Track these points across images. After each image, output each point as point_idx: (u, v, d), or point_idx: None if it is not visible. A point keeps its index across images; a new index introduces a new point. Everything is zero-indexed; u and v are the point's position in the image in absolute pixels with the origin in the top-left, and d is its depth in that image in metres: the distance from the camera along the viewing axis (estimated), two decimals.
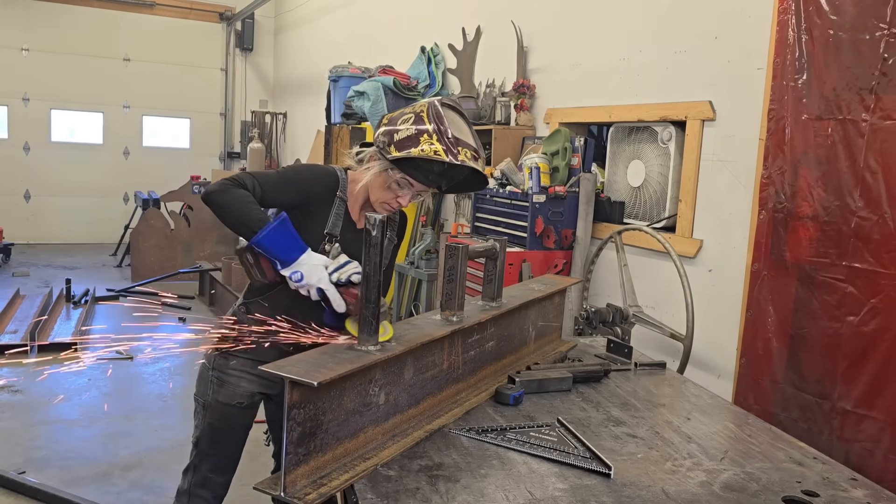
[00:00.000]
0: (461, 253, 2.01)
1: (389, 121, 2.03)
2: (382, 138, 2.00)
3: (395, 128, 1.99)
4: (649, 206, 3.97)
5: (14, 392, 4.79)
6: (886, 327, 2.62)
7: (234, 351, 2.14)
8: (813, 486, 1.70)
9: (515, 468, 1.70)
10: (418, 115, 1.99)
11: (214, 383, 2.24)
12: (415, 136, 1.95)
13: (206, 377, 2.26)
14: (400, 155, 1.96)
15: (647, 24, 3.94)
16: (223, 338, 2.16)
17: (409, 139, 1.96)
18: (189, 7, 11.01)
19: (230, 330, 2.14)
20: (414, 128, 1.96)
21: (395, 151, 1.96)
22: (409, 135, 1.96)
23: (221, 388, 2.23)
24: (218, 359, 2.22)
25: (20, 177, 10.48)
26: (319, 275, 1.87)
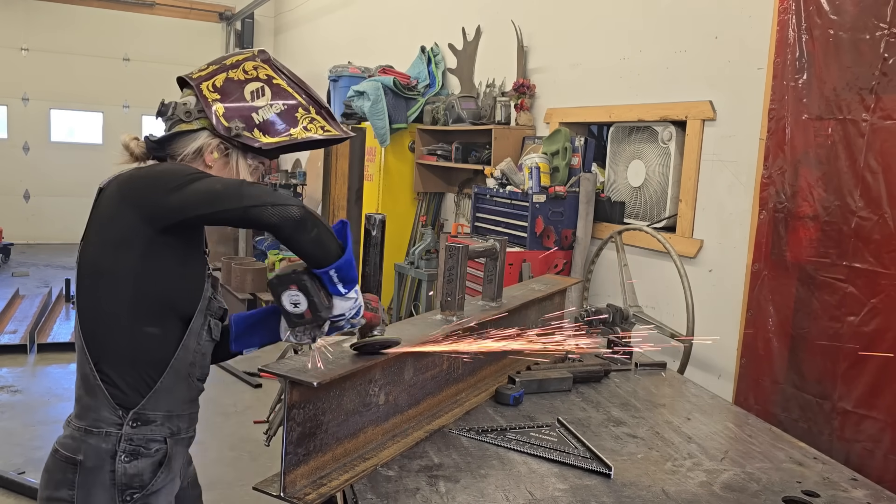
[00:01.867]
0: (461, 253, 2.01)
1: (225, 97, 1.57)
2: (238, 124, 1.55)
3: (246, 105, 1.57)
4: (649, 205, 3.97)
5: (14, 392, 4.78)
6: (887, 327, 2.62)
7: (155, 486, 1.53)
8: (813, 487, 1.70)
9: (515, 468, 1.69)
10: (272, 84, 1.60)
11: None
12: (287, 113, 1.59)
13: None
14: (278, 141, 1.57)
15: (647, 24, 3.93)
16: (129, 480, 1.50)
17: (281, 119, 1.58)
18: (189, 7, 11.00)
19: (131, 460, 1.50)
20: (281, 103, 1.59)
21: (267, 137, 1.56)
22: (281, 112, 1.58)
23: None
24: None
25: (20, 177, 10.48)
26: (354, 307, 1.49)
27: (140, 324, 1.49)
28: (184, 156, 1.59)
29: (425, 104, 5.78)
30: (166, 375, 1.52)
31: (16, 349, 5.54)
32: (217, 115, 1.56)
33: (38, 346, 5.60)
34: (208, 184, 1.43)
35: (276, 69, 1.65)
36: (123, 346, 1.49)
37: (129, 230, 1.46)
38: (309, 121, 1.61)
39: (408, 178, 5.95)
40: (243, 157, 1.62)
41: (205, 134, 1.58)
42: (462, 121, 5.27)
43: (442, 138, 5.67)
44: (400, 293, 5.89)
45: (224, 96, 1.58)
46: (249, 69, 1.61)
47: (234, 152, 1.60)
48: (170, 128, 1.61)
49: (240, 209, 1.38)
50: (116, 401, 1.49)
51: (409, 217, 6.05)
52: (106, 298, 1.49)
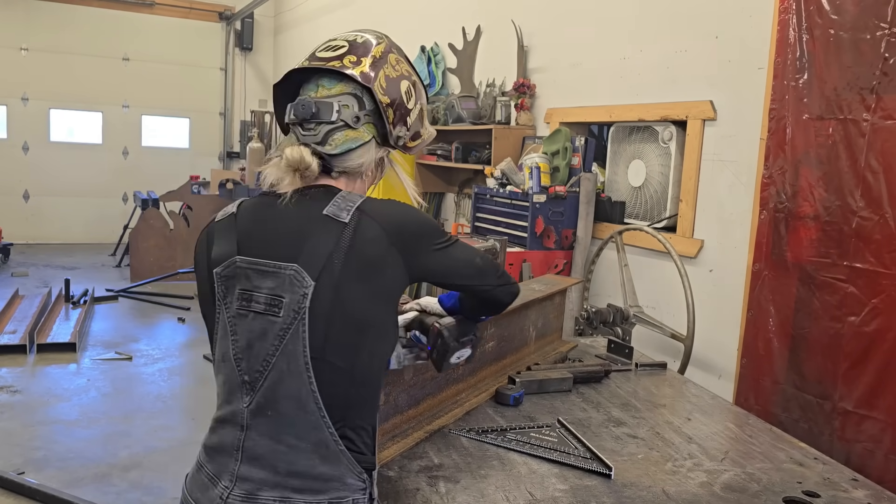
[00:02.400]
0: None
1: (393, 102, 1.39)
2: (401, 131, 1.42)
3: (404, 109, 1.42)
4: (650, 205, 3.96)
5: (13, 392, 4.78)
6: (887, 327, 2.62)
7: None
8: (814, 487, 1.69)
9: (516, 469, 1.69)
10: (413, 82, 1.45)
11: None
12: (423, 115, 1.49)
13: None
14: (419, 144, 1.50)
15: (648, 24, 3.93)
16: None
17: (421, 118, 1.47)
18: (189, 7, 11.00)
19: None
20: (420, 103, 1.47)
21: (412, 142, 1.47)
22: (419, 112, 1.46)
23: None
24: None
25: (19, 177, 10.48)
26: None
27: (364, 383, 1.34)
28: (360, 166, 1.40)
29: None
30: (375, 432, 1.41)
31: (15, 349, 5.54)
32: (388, 120, 1.39)
33: (37, 346, 5.59)
34: (468, 253, 1.42)
35: (405, 56, 1.48)
36: (373, 404, 1.38)
37: (396, 280, 1.33)
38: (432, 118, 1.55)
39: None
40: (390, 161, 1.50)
41: (374, 144, 1.41)
42: (462, 121, 5.27)
43: (442, 138, 5.67)
44: None
45: (392, 102, 1.39)
46: (394, 62, 1.42)
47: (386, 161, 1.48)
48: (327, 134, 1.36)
49: (491, 287, 1.44)
50: (362, 464, 1.34)
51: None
52: (371, 352, 1.33)
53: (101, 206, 10.75)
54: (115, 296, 7.58)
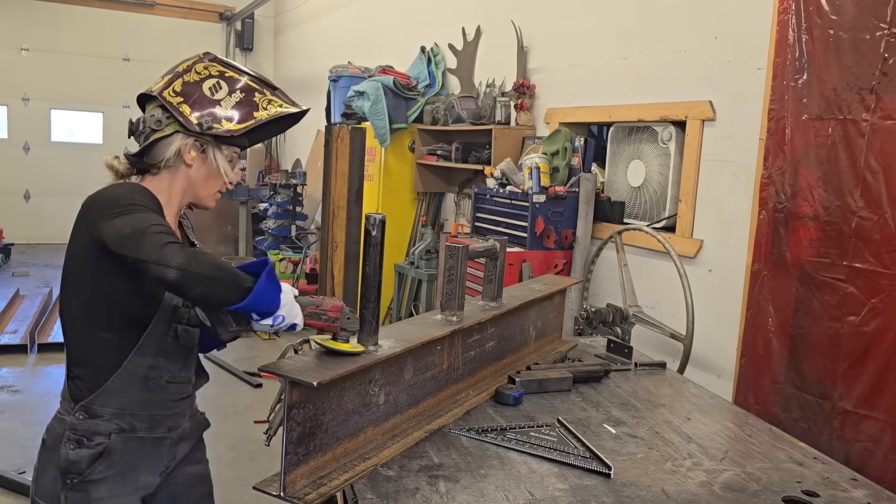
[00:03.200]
0: (461, 253, 2.01)
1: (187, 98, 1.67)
2: (206, 118, 1.66)
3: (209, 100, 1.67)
4: (649, 206, 3.97)
5: (14, 392, 4.78)
6: (887, 327, 2.62)
7: (93, 475, 1.63)
8: (813, 487, 1.70)
9: (515, 468, 1.69)
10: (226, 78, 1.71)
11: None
12: (247, 99, 1.70)
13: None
14: (250, 124, 1.69)
15: (648, 24, 3.94)
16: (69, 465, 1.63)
17: (241, 105, 1.69)
18: (189, 7, 11.01)
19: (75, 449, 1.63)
20: (239, 92, 1.70)
21: (235, 125, 1.68)
22: (240, 100, 1.69)
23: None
24: (72, 495, 1.63)
25: (20, 177, 10.48)
26: (297, 310, 1.55)
27: (94, 329, 1.64)
28: (165, 161, 1.69)
29: (425, 104, 5.78)
30: (117, 376, 1.64)
31: (16, 349, 5.55)
32: (185, 115, 1.66)
33: (38, 346, 5.60)
34: (124, 222, 1.52)
35: (225, 64, 1.75)
36: (80, 347, 1.68)
37: (82, 246, 1.63)
38: (267, 102, 1.72)
39: (408, 178, 5.96)
40: (219, 150, 1.72)
41: (179, 136, 1.68)
42: (462, 121, 5.27)
43: (442, 138, 5.67)
44: (400, 293, 5.89)
45: (186, 97, 1.67)
46: (201, 69, 1.71)
47: (209, 147, 1.71)
48: (144, 140, 1.69)
49: (133, 259, 1.49)
50: (71, 392, 1.67)
51: (409, 217, 6.05)
52: (67, 304, 1.68)
53: None
54: None
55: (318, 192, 7.82)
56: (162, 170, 1.72)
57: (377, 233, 1.69)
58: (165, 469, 1.80)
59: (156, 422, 1.72)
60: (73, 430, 1.64)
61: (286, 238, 7.92)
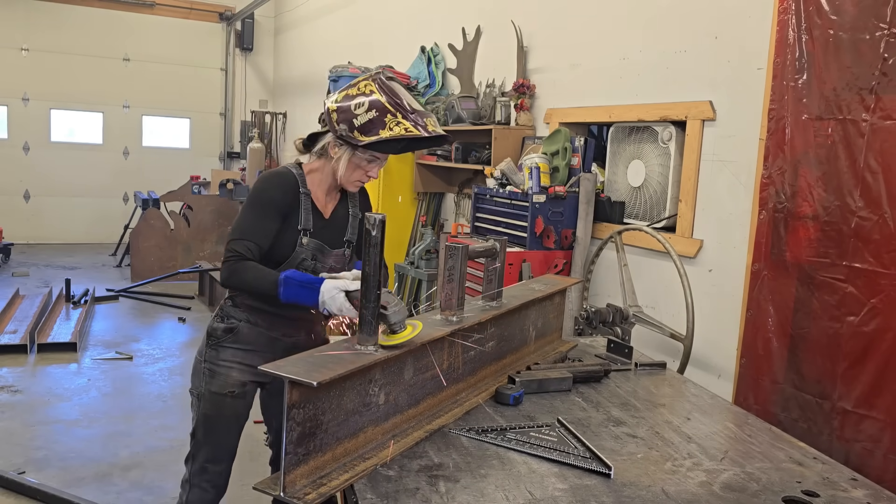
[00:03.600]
0: (461, 253, 2.01)
1: (339, 108, 2.14)
2: (343, 127, 2.12)
3: (349, 109, 2.11)
4: (649, 206, 3.97)
5: (14, 392, 4.78)
6: (886, 327, 2.62)
7: (224, 342, 2.29)
8: (813, 487, 1.70)
9: (515, 468, 1.69)
10: (371, 98, 2.10)
11: (206, 375, 2.30)
12: (379, 119, 2.08)
13: (198, 369, 2.33)
14: (371, 140, 2.09)
15: (648, 24, 3.94)
16: (211, 331, 2.31)
17: (372, 122, 2.08)
18: (189, 7, 11.01)
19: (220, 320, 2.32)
20: (374, 112, 2.08)
21: (362, 136, 2.10)
22: (372, 118, 2.08)
23: (213, 379, 2.29)
24: (209, 350, 2.30)
25: (20, 177, 10.48)
26: (339, 303, 1.95)
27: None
28: (319, 149, 2.28)
29: (425, 104, 5.78)
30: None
31: (16, 349, 5.54)
32: (332, 120, 2.16)
33: (38, 346, 5.60)
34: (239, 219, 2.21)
35: (380, 85, 2.12)
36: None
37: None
38: (395, 124, 2.09)
39: (408, 178, 5.96)
40: (350, 152, 2.20)
41: (329, 135, 2.22)
42: (462, 121, 5.27)
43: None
44: (400, 293, 5.89)
45: (339, 108, 2.14)
46: (362, 86, 2.13)
47: (344, 147, 2.19)
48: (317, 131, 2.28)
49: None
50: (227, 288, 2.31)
51: (409, 217, 6.05)
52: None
53: (102, 206, 10.76)
54: (116, 296, 7.59)
55: None
56: (321, 156, 2.28)
57: (377, 233, 1.69)
58: None
59: (274, 325, 2.30)
60: (221, 310, 2.33)
61: None
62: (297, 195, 2.23)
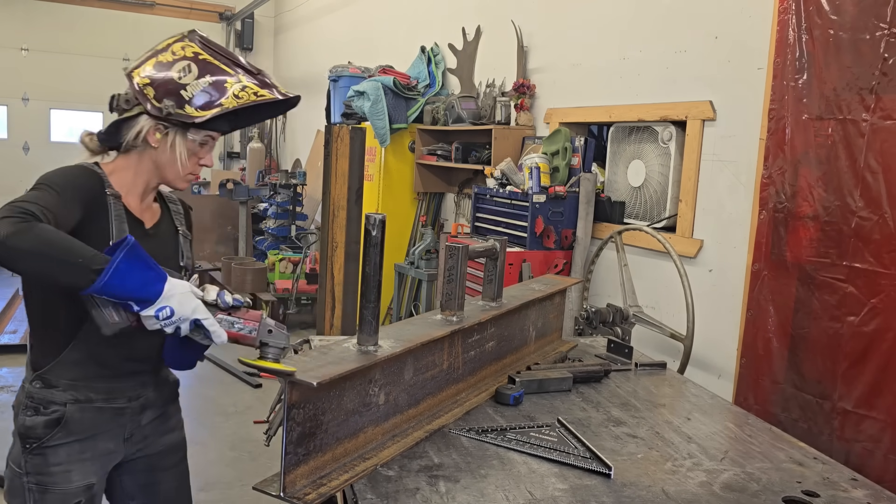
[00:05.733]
0: (461, 253, 2.01)
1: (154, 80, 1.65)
2: (168, 102, 1.63)
3: (171, 80, 1.64)
4: (650, 206, 3.97)
5: (13, 392, 4.78)
6: (887, 327, 2.62)
7: (50, 441, 1.68)
8: (813, 487, 1.69)
9: (515, 468, 1.69)
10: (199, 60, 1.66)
11: (34, 492, 1.69)
12: (217, 85, 1.65)
13: (19, 488, 1.71)
14: (213, 113, 1.64)
15: (648, 24, 3.93)
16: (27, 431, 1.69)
17: (210, 92, 1.64)
18: (189, 7, 11.01)
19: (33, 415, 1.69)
20: (209, 77, 1.65)
21: (200, 111, 1.64)
22: (209, 86, 1.65)
23: (45, 496, 1.69)
24: (31, 459, 1.69)
25: (19, 177, 10.42)
26: (193, 304, 1.45)
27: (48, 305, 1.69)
28: (128, 141, 1.71)
29: (425, 104, 5.78)
30: (70, 350, 1.68)
31: (16, 349, 5.55)
32: (149, 97, 1.65)
33: None
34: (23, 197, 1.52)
35: (205, 45, 1.70)
36: (38, 319, 1.72)
37: None
38: (241, 88, 1.65)
39: (408, 178, 5.96)
40: (182, 135, 1.70)
41: (143, 118, 1.68)
42: (462, 121, 5.27)
43: (442, 138, 5.67)
44: (400, 293, 5.89)
45: (153, 80, 1.65)
46: (177, 50, 1.68)
47: (172, 131, 1.70)
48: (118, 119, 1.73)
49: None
50: (31, 362, 1.73)
51: (409, 217, 6.05)
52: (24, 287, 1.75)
53: None
54: None
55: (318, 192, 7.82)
56: (131, 149, 1.74)
57: (377, 233, 1.68)
58: (130, 436, 1.83)
59: (113, 393, 1.75)
60: (30, 399, 1.69)
61: (286, 238, 7.91)
62: (102, 197, 1.66)
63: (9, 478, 1.73)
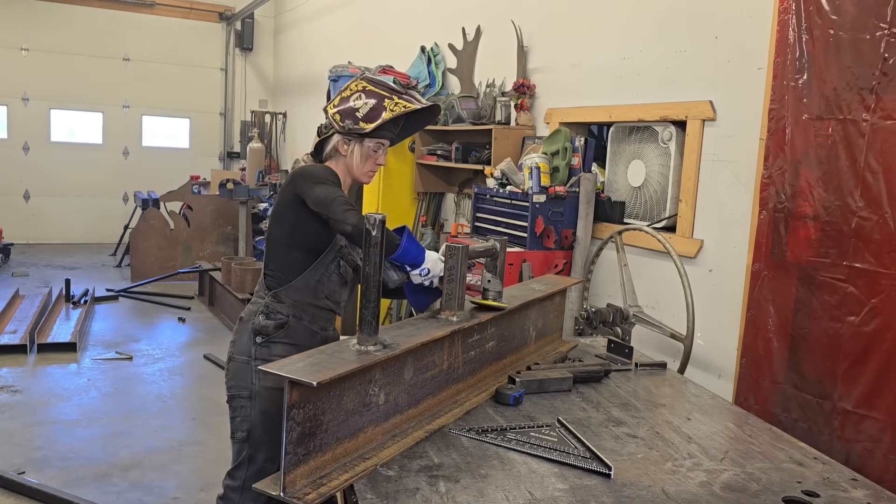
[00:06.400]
0: (461, 253, 2.01)
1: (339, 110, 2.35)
2: (348, 122, 2.33)
3: (349, 107, 2.33)
4: (650, 205, 3.97)
5: (14, 392, 4.78)
6: (887, 327, 2.62)
7: (275, 338, 2.34)
8: (813, 487, 1.70)
9: (515, 468, 1.69)
10: (366, 91, 2.34)
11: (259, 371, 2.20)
12: (378, 105, 2.31)
13: (245, 369, 2.34)
14: (377, 123, 2.30)
15: (648, 24, 3.93)
16: (258, 329, 2.34)
17: (373, 110, 2.31)
18: (189, 7, 11.01)
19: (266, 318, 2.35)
20: (372, 101, 2.32)
21: (368, 124, 2.31)
22: (373, 106, 2.31)
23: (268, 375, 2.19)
24: (259, 348, 2.33)
25: (19, 177, 10.48)
26: (440, 266, 2.09)
27: (290, 249, 2.35)
28: (328, 152, 2.42)
29: None
30: (297, 280, 2.34)
31: (16, 349, 5.54)
32: (335, 120, 2.37)
33: (38, 346, 5.60)
34: (321, 190, 2.21)
35: (369, 81, 2.38)
36: (278, 258, 2.37)
37: (290, 198, 2.30)
38: (394, 104, 2.32)
39: (408, 178, 5.96)
40: (360, 144, 2.38)
41: (335, 136, 2.40)
42: (462, 121, 5.27)
43: (442, 138, 5.67)
44: None
45: (340, 110, 2.36)
46: (353, 87, 2.37)
47: (353, 141, 2.37)
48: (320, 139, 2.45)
49: (325, 216, 2.18)
50: (267, 284, 2.39)
51: (409, 217, 6.05)
52: (275, 234, 2.37)
53: (102, 206, 10.75)
54: (116, 296, 7.58)
55: None
56: (332, 159, 2.41)
57: (377, 233, 1.69)
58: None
59: (314, 318, 2.39)
60: (266, 307, 2.35)
61: None
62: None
63: (234, 366, 2.36)
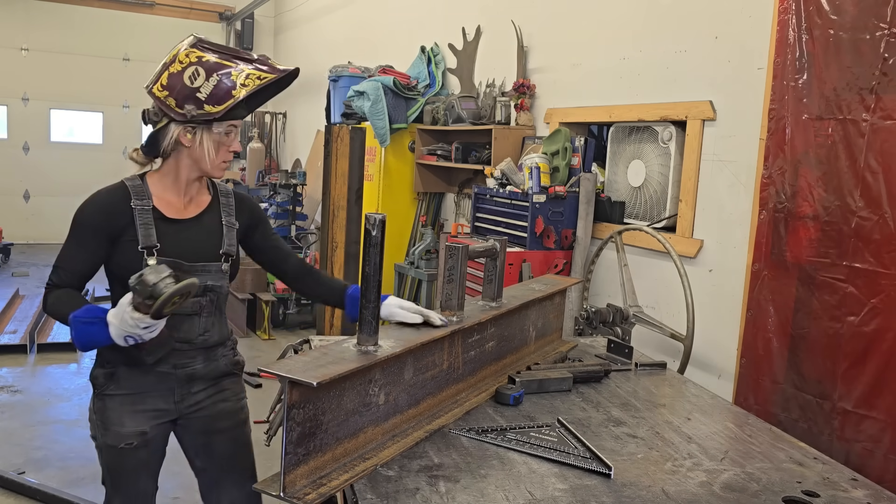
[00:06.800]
0: (461, 253, 2.01)
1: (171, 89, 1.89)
2: (189, 107, 1.88)
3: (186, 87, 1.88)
4: (650, 206, 3.97)
5: (14, 392, 4.78)
6: (887, 327, 2.62)
7: (107, 390, 2.03)
8: (813, 487, 1.70)
9: (515, 468, 1.69)
10: (202, 62, 1.89)
11: (99, 426, 2.06)
12: (223, 81, 1.88)
13: (92, 419, 2.10)
14: (228, 105, 1.88)
15: (648, 24, 3.93)
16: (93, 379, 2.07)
17: (219, 88, 1.87)
18: (189, 7, 11.01)
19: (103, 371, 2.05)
20: (215, 75, 1.88)
21: (217, 107, 1.88)
22: (217, 83, 1.87)
23: (107, 431, 2.04)
24: (96, 401, 2.06)
25: (19, 177, 10.48)
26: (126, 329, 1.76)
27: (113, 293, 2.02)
28: (168, 146, 1.97)
29: (425, 104, 5.77)
30: None
31: (16, 349, 5.55)
32: (171, 107, 1.90)
33: (38, 346, 5.60)
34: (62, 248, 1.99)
35: (204, 48, 1.93)
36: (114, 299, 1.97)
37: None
38: (245, 77, 1.89)
39: (408, 178, 5.96)
40: (208, 131, 1.95)
41: (173, 125, 1.95)
42: (462, 121, 5.27)
43: (442, 138, 5.67)
44: (400, 293, 5.88)
45: (171, 90, 1.90)
46: (183, 58, 1.91)
47: (199, 129, 1.94)
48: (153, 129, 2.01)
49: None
50: None
51: (409, 217, 6.05)
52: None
53: None
54: None
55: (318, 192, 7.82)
56: (170, 153, 1.99)
57: (377, 233, 1.68)
58: (181, 399, 2.08)
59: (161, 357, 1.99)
60: (99, 354, 2.06)
61: (286, 238, 7.91)
62: (126, 212, 1.94)
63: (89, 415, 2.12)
